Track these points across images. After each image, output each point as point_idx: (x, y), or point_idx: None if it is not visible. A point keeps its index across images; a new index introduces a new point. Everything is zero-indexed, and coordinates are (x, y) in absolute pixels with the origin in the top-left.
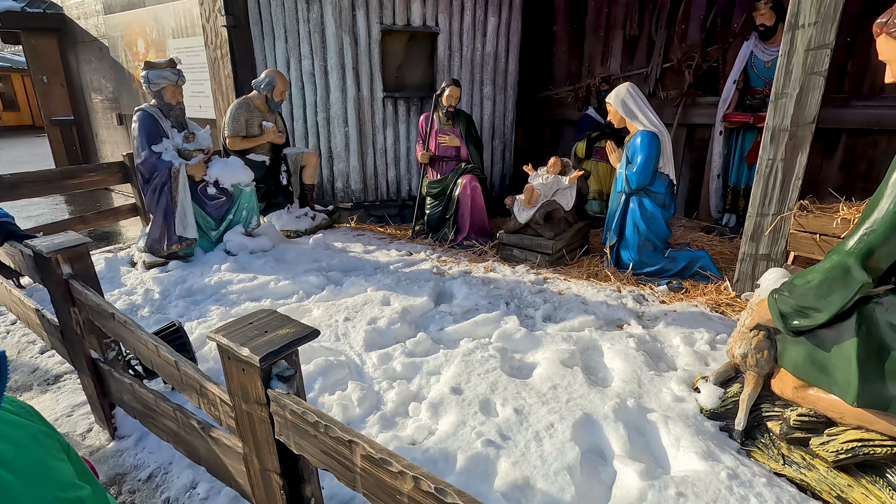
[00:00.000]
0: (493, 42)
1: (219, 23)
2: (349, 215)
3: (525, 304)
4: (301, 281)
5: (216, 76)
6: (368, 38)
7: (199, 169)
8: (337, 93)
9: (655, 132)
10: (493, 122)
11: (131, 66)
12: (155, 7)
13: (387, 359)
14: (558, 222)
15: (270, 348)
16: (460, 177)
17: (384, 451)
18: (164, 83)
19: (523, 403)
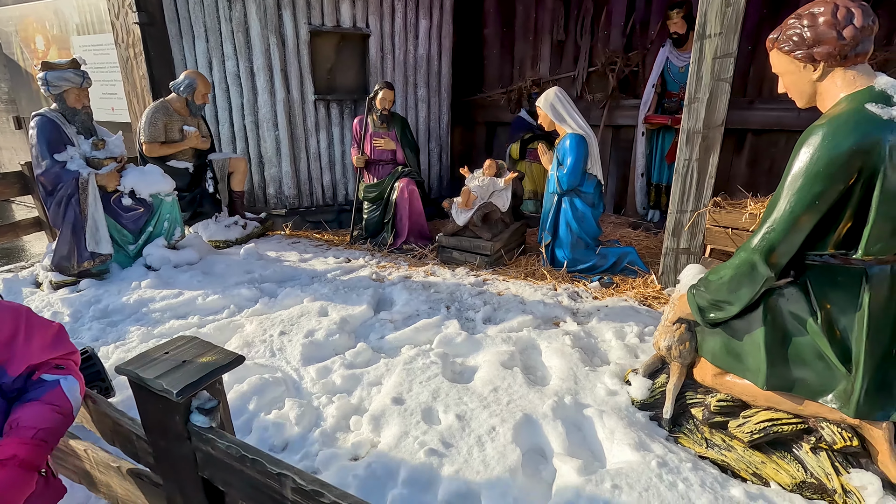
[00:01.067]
0: (425, 45)
1: (130, 19)
2: (283, 222)
3: (465, 307)
4: (232, 294)
5: (129, 77)
6: (296, 38)
7: (111, 178)
8: (265, 95)
9: (583, 135)
10: (428, 125)
11: (29, 65)
12: (57, 1)
13: (326, 372)
14: (495, 223)
15: (189, 379)
16: (397, 180)
17: (316, 481)
18: (67, 85)
19: (465, 409)
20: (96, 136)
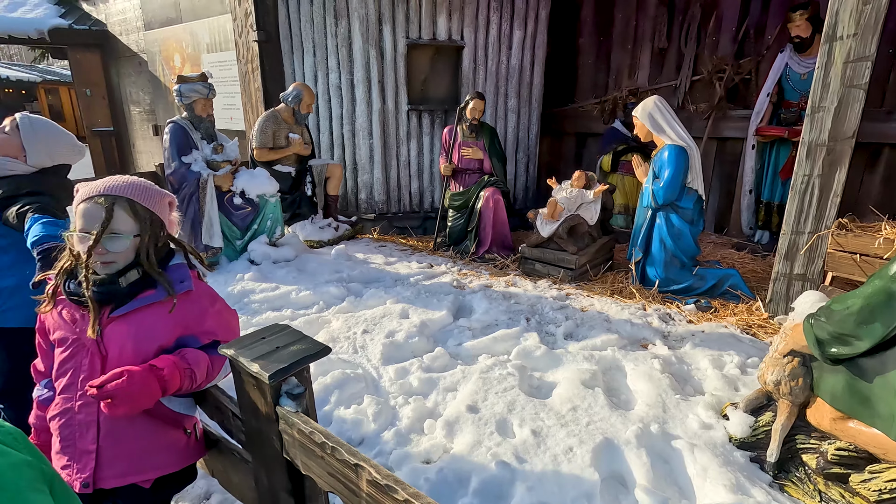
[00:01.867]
0: (518, 55)
1: (250, 38)
2: (372, 226)
3: (546, 321)
4: (322, 292)
5: (247, 89)
6: (394, 52)
7: (226, 179)
8: (362, 105)
9: (684, 146)
10: (517, 135)
11: (167, 80)
12: (192, 23)
13: (404, 373)
14: (582, 237)
15: (280, 365)
16: (483, 189)
17: (391, 477)
18: (196, 96)
19: (541, 425)
20: (216, 142)
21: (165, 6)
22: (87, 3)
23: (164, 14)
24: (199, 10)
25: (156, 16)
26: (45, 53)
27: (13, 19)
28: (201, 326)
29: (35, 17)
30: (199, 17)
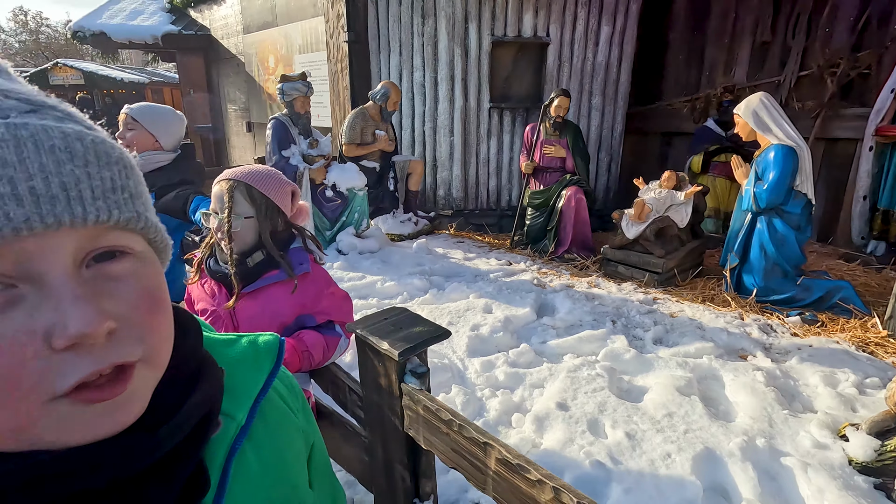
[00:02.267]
0: (605, 52)
1: (341, 38)
2: (449, 222)
3: (633, 325)
4: (405, 283)
5: (335, 88)
6: (479, 49)
7: (320, 173)
8: (445, 103)
9: (793, 146)
10: (600, 134)
11: (262, 80)
12: (286, 26)
13: (489, 367)
14: (670, 240)
15: (408, 344)
16: (565, 188)
17: (521, 457)
18: (296, 94)
19: (635, 428)
20: (312, 137)
21: (263, 11)
22: (195, 10)
23: (262, 18)
24: (293, 13)
25: (254, 20)
26: (156, 57)
27: (134, 27)
28: (317, 306)
29: (151, 25)
30: (293, 20)
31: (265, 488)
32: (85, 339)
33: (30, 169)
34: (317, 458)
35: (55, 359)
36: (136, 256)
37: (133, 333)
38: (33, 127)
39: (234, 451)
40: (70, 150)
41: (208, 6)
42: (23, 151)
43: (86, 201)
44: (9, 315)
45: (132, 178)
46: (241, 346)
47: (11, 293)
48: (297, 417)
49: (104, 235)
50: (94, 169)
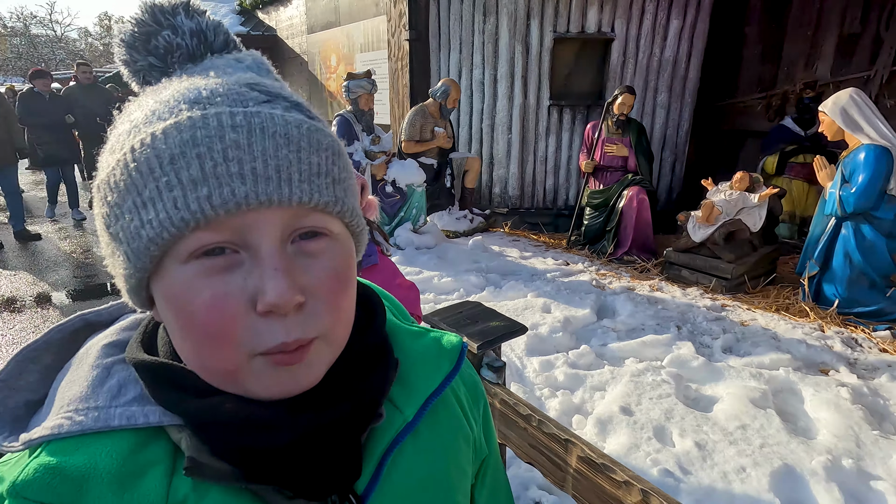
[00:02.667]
0: (673, 47)
1: (402, 37)
2: (504, 220)
3: (700, 331)
4: (462, 279)
5: (394, 86)
6: (540, 46)
7: (381, 169)
8: (504, 101)
9: (887, 147)
10: (664, 132)
11: (323, 78)
12: (349, 25)
13: (548, 366)
14: (740, 244)
15: (486, 337)
16: (626, 188)
17: (606, 457)
18: (361, 91)
19: (705, 438)
20: (374, 134)
21: (327, 11)
22: (262, 12)
23: (325, 18)
24: (355, 13)
25: (318, 20)
26: None
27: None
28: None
29: None
30: (355, 19)
31: (419, 489)
32: (277, 308)
33: (254, 152)
34: (490, 477)
35: (257, 320)
36: (333, 238)
37: (318, 309)
38: (264, 115)
39: (396, 444)
40: (287, 136)
41: (275, 7)
42: (252, 136)
43: (293, 183)
44: (230, 275)
45: (338, 164)
46: (426, 341)
47: (235, 258)
48: (471, 428)
49: (308, 216)
50: (305, 154)
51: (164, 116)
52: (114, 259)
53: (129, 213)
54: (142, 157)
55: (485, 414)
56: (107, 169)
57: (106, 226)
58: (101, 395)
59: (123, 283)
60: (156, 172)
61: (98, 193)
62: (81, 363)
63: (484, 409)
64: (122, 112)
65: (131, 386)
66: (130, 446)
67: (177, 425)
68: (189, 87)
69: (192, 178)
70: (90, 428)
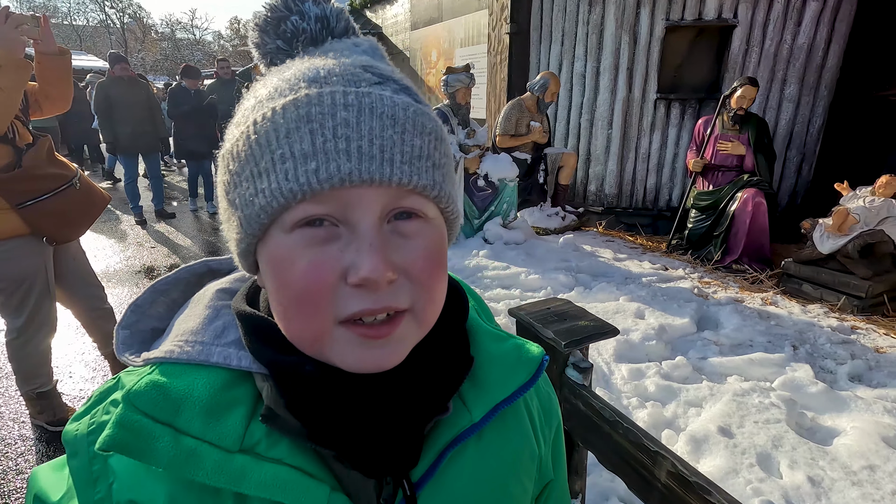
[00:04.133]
0: (808, 32)
1: (503, 30)
2: (598, 220)
3: (821, 354)
4: (550, 277)
5: (492, 80)
6: (650, 36)
7: (474, 162)
8: (606, 94)
9: None
10: (790, 129)
11: (423, 73)
12: (450, 21)
13: (638, 375)
14: (880, 259)
15: (574, 336)
16: (741, 190)
17: (701, 475)
18: (459, 85)
19: (821, 474)
20: (470, 127)
21: (430, 7)
22: (370, 11)
23: (428, 14)
24: (457, 8)
25: (421, 17)
26: None
27: None
28: None
29: None
30: (457, 14)
31: (474, 492)
32: (369, 282)
33: (362, 130)
34: (553, 501)
35: (346, 290)
36: (428, 221)
37: (408, 287)
38: (374, 95)
39: (458, 442)
40: (394, 118)
41: (382, 6)
42: (361, 115)
43: (394, 164)
44: (328, 246)
45: (439, 149)
46: (506, 346)
47: (335, 230)
48: (538, 445)
49: (406, 197)
50: (409, 136)
51: (285, 93)
52: (229, 224)
53: (246, 181)
54: (262, 129)
55: (556, 436)
56: (231, 140)
57: (225, 192)
58: (207, 332)
59: (235, 246)
60: (272, 145)
61: (222, 163)
62: (198, 302)
63: (556, 430)
64: (250, 90)
65: (232, 330)
66: (222, 383)
67: (262, 374)
68: (309, 67)
69: (303, 152)
70: (194, 359)
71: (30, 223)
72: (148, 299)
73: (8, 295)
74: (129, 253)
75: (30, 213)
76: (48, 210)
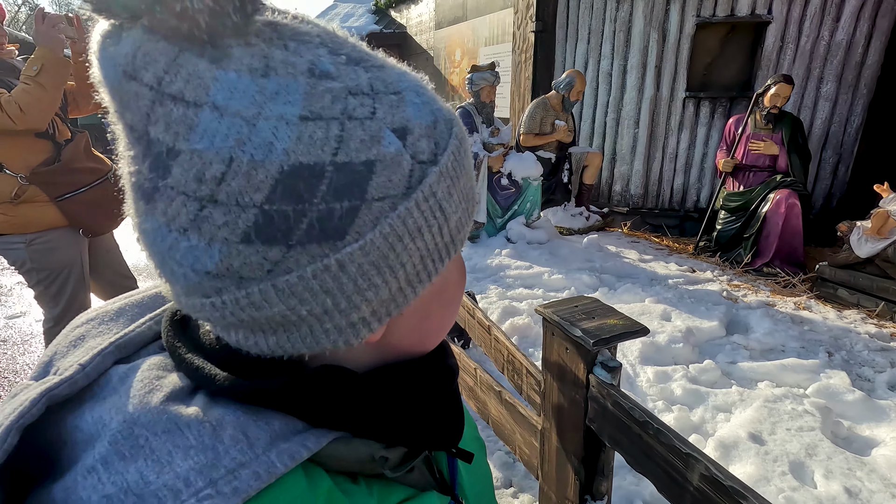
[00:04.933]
0: (848, 28)
1: (528, 28)
2: (622, 220)
3: (859, 361)
4: (573, 278)
5: (516, 78)
6: (679, 33)
7: (497, 161)
8: (633, 93)
9: None
10: (826, 129)
11: (447, 73)
12: (475, 20)
13: (664, 378)
14: None
15: (602, 335)
16: (773, 191)
17: (737, 480)
18: (483, 84)
19: (858, 485)
20: (494, 126)
21: (455, 6)
22: (395, 10)
23: (453, 14)
24: (482, 7)
25: (445, 16)
26: None
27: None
28: None
29: (359, 25)
30: (481, 13)
31: (474, 468)
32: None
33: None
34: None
35: None
36: None
37: None
38: None
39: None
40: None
41: (406, 5)
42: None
43: None
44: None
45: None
46: None
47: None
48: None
49: None
50: None
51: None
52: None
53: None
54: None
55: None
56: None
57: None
58: (230, 451)
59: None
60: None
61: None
62: (136, 448)
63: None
64: None
65: (255, 429)
66: (303, 485)
67: (339, 437)
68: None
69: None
70: (256, 488)
71: (68, 215)
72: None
73: (47, 284)
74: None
75: (68, 205)
76: (85, 203)
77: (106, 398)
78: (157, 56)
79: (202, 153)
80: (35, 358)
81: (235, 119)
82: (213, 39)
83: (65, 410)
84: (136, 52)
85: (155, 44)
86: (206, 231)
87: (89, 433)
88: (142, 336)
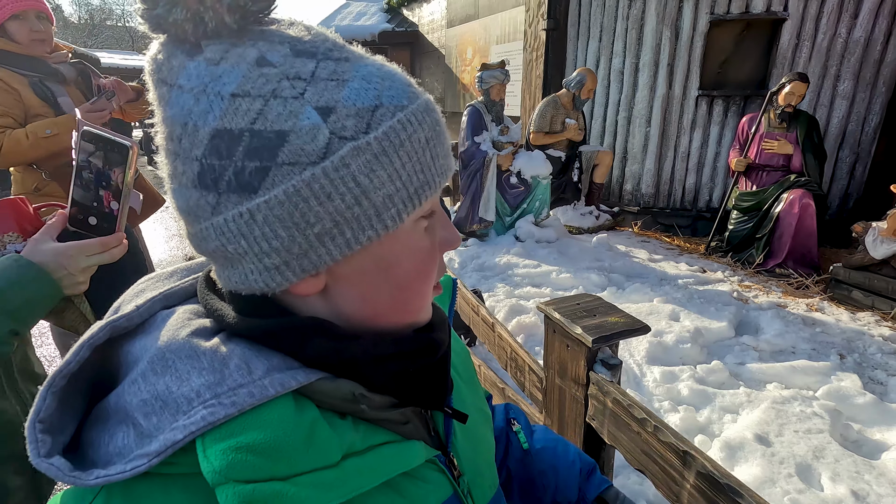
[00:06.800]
0: (866, 25)
1: (539, 26)
2: (633, 219)
3: (871, 364)
4: (582, 277)
5: (527, 76)
6: (692, 30)
7: (507, 159)
8: (644, 91)
9: None
10: (843, 128)
11: (458, 71)
12: (486, 18)
13: (671, 378)
14: None
15: (602, 332)
16: (787, 191)
17: (732, 477)
18: (493, 82)
19: (866, 489)
20: (504, 124)
21: (466, 5)
22: (406, 9)
23: (465, 12)
24: (494, 5)
25: (457, 14)
26: (372, 53)
27: (358, 27)
28: None
29: (371, 24)
30: (493, 11)
31: (467, 394)
32: (454, 248)
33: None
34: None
35: (440, 260)
36: None
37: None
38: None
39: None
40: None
41: (418, 4)
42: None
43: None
44: (431, 231)
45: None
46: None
47: (431, 220)
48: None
49: None
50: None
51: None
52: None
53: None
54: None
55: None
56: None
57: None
58: (233, 375)
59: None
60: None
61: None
62: (165, 367)
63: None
64: None
65: (256, 361)
66: (292, 409)
67: (325, 377)
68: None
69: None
70: (249, 404)
71: None
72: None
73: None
74: (172, 244)
75: None
76: None
77: (150, 332)
78: (166, 55)
79: (171, 119)
80: (50, 350)
81: (189, 94)
82: (197, 40)
83: (123, 341)
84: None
85: (170, 48)
86: (176, 177)
87: (136, 356)
88: (185, 290)
